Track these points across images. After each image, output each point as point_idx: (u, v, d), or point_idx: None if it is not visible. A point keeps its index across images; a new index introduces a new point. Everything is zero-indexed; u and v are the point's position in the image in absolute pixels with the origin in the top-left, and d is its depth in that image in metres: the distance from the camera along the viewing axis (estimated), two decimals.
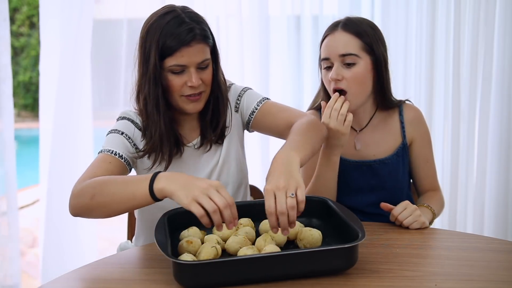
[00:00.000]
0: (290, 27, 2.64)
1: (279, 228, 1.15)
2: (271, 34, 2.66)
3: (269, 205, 1.13)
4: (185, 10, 1.40)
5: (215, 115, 1.50)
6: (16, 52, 9.59)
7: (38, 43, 9.74)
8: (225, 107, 1.52)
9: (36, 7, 9.23)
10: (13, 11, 9.58)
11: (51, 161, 2.50)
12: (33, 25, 9.49)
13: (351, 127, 1.67)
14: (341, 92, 1.56)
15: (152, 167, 1.45)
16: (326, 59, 1.57)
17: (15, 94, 9.50)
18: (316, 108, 1.72)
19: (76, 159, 2.54)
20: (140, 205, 1.21)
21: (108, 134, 1.46)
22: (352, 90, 1.56)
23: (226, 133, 1.53)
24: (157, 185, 1.17)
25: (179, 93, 1.40)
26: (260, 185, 1.81)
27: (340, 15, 1.65)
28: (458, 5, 2.49)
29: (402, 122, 1.67)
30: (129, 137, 1.44)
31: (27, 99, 9.34)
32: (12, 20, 9.56)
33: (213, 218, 1.12)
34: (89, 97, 2.55)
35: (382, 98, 1.64)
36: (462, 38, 2.52)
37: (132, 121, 1.47)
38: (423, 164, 1.69)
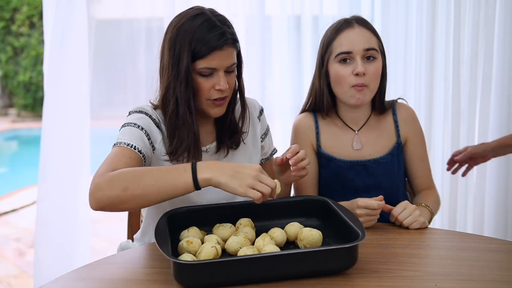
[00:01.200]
0: (290, 27, 2.64)
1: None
2: (271, 34, 2.66)
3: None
4: (214, 13, 1.40)
5: (233, 122, 1.50)
6: (16, 52, 9.57)
7: (38, 43, 9.69)
8: (244, 112, 1.51)
9: (36, 7, 9.22)
10: (13, 11, 9.56)
11: (46, 161, 2.49)
12: (33, 25, 9.47)
13: (350, 127, 1.67)
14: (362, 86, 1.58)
15: None
16: (348, 52, 1.57)
17: (15, 94, 9.49)
18: (309, 109, 1.72)
19: (72, 159, 2.53)
20: (179, 195, 1.24)
21: (124, 126, 1.41)
22: (371, 86, 1.59)
23: (243, 138, 1.53)
24: (202, 175, 1.21)
25: (206, 97, 1.40)
26: None
27: (340, 15, 1.66)
28: (458, 5, 2.49)
29: (396, 121, 1.69)
30: (147, 134, 1.41)
31: (27, 99, 9.32)
32: (12, 20, 9.55)
33: (267, 198, 1.22)
34: (87, 97, 2.54)
35: (380, 99, 1.66)
36: (462, 38, 2.52)
37: (150, 116, 1.43)
38: (418, 162, 1.70)
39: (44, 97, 2.48)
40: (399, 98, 1.73)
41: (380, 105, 1.68)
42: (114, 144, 1.37)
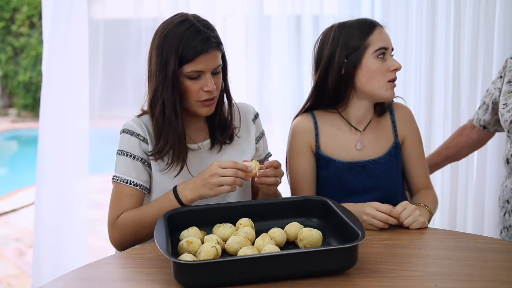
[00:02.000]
0: (290, 27, 2.63)
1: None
2: (271, 34, 2.66)
3: None
4: (198, 18, 1.47)
5: (222, 118, 1.56)
6: (16, 52, 9.56)
7: (38, 43, 9.67)
8: (232, 109, 1.58)
9: (36, 7, 9.21)
10: (13, 11, 9.55)
11: (45, 162, 2.48)
12: (33, 25, 9.47)
13: (355, 128, 1.67)
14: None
15: (167, 169, 1.49)
16: (386, 48, 1.60)
17: (15, 94, 9.48)
18: (307, 109, 1.71)
19: (70, 160, 2.52)
20: None
21: (119, 154, 1.51)
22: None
23: (236, 133, 1.59)
24: (185, 198, 1.43)
25: (195, 98, 1.47)
26: None
27: (340, 15, 1.66)
28: (458, 6, 2.49)
29: (393, 122, 1.69)
30: (141, 159, 1.50)
31: (27, 99, 9.32)
32: (12, 20, 9.54)
33: (237, 182, 1.39)
34: (86, 97, 2.53)
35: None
36: (462, 38, 2.52)
37: (138, 135, 1.50)
38: (416, 162, 1.70)
39: (41, 97, 2.47)
40: (395, 97, 1.73)
41: (381, 105, 1.69)
42: (113, 178, 1.50)
